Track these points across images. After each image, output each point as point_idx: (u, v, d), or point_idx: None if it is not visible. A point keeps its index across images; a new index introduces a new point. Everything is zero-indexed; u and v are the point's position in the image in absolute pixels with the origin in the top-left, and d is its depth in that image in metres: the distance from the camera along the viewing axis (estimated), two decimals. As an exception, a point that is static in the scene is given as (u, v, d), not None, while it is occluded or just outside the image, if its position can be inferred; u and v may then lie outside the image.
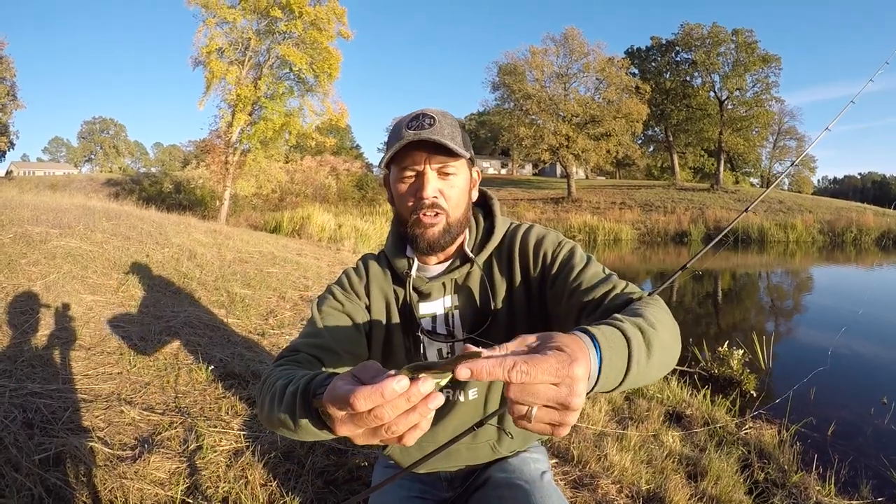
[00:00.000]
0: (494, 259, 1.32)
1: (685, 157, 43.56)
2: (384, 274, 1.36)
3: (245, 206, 24.98)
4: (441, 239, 1.22)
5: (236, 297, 4.77)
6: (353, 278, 1.36)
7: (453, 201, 1.21)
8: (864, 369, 5.59)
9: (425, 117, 1.17)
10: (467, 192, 1.26)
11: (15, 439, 2.02)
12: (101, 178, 42.01)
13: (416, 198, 1.20)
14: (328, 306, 1.28)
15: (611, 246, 23.59)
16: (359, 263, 1.40)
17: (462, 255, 1.31)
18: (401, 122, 1.20)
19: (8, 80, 35.75)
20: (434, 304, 1.32)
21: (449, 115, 1.22)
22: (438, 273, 1.32)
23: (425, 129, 1.15)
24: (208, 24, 18.76)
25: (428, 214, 1.19)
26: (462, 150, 1.17)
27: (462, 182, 1.23)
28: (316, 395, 0.80)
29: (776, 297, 11.40)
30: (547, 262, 1.25)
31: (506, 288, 1.30)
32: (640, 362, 0.80)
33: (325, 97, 20.85)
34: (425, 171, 1.18)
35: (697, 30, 38.03)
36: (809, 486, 2.94)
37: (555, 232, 1.32)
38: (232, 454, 2.34)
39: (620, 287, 1.09)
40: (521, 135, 33.56)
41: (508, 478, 1.37)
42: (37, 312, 3.37)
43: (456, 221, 1.23)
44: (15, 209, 6.15)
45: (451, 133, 1.17)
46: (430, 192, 1.18)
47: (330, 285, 1.36)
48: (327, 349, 1.17)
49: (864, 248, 21.61)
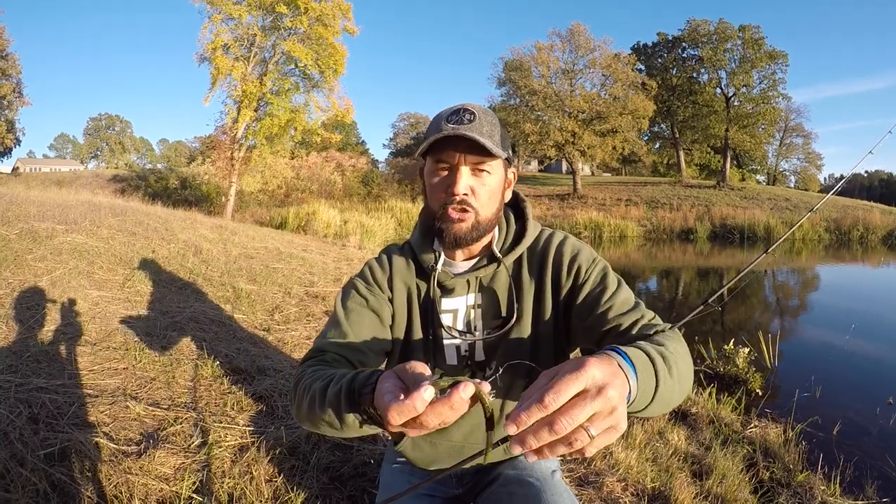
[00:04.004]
0: (524, 262, 1.31)
1: (691, 153, 43.40)
2: (408, 266, 1.35)
3: (251, 202, 25.04)
4: (468, 235, 1.21)
5: (242, 292, 4.77)
6: (377, 270, 1.34)
7: (483, 199, 1.20)
8: (870, 369, 5.56)
9: (466, 112, 1.16)
10: (500, 192, 1.25)
11: (20, 434, 2.02)
12: (106, 175, 42.19)
13: (446, 193, 1.19)
14: (353, 302, 1.28)
15: (616, 243, 23.54)
16: (382, 256, 1.38)
17: (489, 255, 1.30)
18: (441, 114, 1.20)
19: (14, 77, 35.83)
20: (457, 300, 1.31)
21: (490, 113, 1.21)
22: (464, 270, 1.31)
23: (464, 125, 1.14)
24: (214, 21, 18.80)
25: (456, 209, 1.18)
26: (499, 149, 1.15)
27: (495, 181, 1.22)
28: (362, 395, 0.87)
29: (782, 296, 11.36)
30: (581, 277, 1.24)
31: (533, 293, 1.29)
32: (665, 382, 0.86)
33: (330, 93, 20.87)
34: (459, 166, 1.17)
35: (704, 26, 37.83)
36: (814, 485, 2.93)
37: (588, 247, 1.31)
38: (237, 450, 2.35)
39: (648, 317, 1.13)
40: (527, 131, 33.47)
41: (519, 475, 1.36)
42: (42, 308, 3.38)
43: (485, 220, 1.22)
44: (21, 205, 6.17)
45: (489, 131, 1.16)
46: (462, 188, 1.17)
47: (353, 278, 1.35)
48: (354, 349, 1.20)
49: (870, 247, 21.50)
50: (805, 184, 58.90)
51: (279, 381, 3.08)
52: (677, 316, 1.14)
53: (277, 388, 3.00)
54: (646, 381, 0.81)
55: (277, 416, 2.75)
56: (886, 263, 16.86)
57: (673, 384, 0.88)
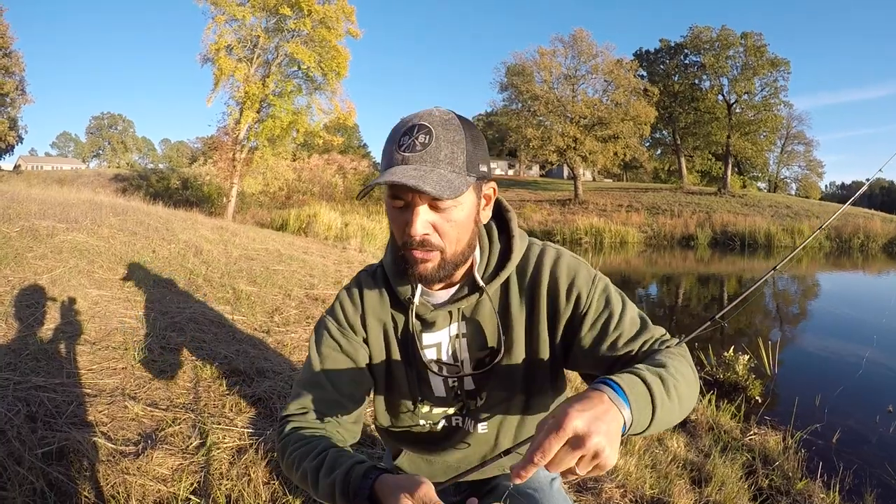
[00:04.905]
0: (512, 286, 1.18)
1: (692, 160, 43.51)
2: (382, 298, 1.23)
3: (252, 204, 25.06)
4: (436, 275, 1.06)
5: (242, 294, 4.77)
6: (349, 308, 1.23)
7: (451, 236, 1.03)
8: (869, 377, 5.55)
9: (420, 132, 0.99)
10: (471, 221, 1.07)
11: (18, 433, 2.02)
12: (108, 174, 42.26)
13: (404, 232, 1.03)
14: (326, 347, 1.20)
15: (617, 249, 23.54)
16: (353, 289, 1.26)
17: (471, 282, 1.16)
18: (396, 130, 1.03)
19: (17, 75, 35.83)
20: (439, 333, 1.21)
21: (454, 124, 1.02)
22: (444, 301, 1.18)
23: (416, 151, 0.98)
24: (217, 22, 18.83)
25: (419, 251, 1.03)
26: (463, 177, 0.99)
27: (463, 213, 1.03)
28: (357, 496, 0.90)
29: (782, 303, 11.35)
30: (582, 306, 1.13)
31: (525, 319, 1.18)
32: (663, 406, 0.87)
33: (333, 95, 20.90)
34: (415, 205, 1.00)
35: (706, 33, 37.93)
36: (814, 493, 2.93)
37: (584, 264, 1.18)
38: (235, 451, 2.34)
39: (657, 335, 1.10)
40: (529, 136, 33.53)
41: (517, 485, 1.35)
42: (42, 306, 3.38)
43: (454, 256, 1.06)
44: (22, 203, 6.18)
45: (449, 154, 0.99)
46: (420, 229, 1.00)
47: (325, 317, 1.26)
48: (334, 403, 1.17)
49: (871, 255, 21.49)
50: (806, 191, 58.91)
51: (278, 384, 3.08)
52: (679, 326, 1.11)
53: (276, 390, 2.99)
54: (641, 409, 0.83)
55: (276, 418, 2.74)
56: (887, 272, 16.86)
57: (672, 406, 0.89)
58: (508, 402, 1.23)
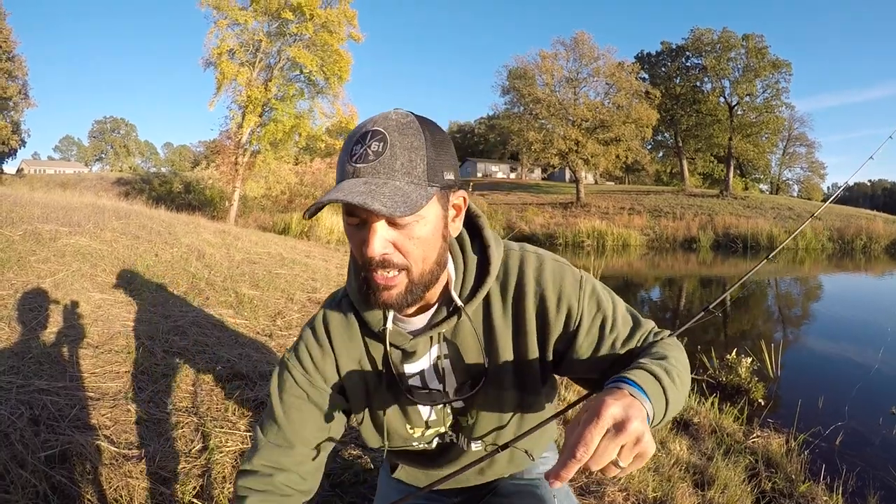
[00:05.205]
0: (494, 300, 1.09)
1: (694, 162, 43.49)
2: (351, 332, 1.13)
3: (254, 207, 25.09)
4: (403, 301, 0.95)
5: (244, 297, 4.77)
6: (315, 353, 1.13)
7: (415, 255, 0.92)
8: (873, 379, 5.54)
9: (373, 139, 0.88)
10: (438, 236, 0.95)
11: (21, 436, 2.02)
12: (111, 178, 42.29)
13: (361, 253, 0.92)
14: (290, 395, 1.11)
15: (619, 252, 23.51)
16: (318, 327, 1.15)
17: (448, 301, 1.06)
18: (349, 139, 0.92)
19: (20, 79, 36.03)
20: (420, 362, 1.12)
21: (411, 130, 0.89)
22: (421, 327, 1.09)
23: (369, 162, 0.87)
24: (219, 26, 18.88)
25: (381, 274, 0.91)
26: (421, 191, 0.88)
27: (426, 230, 0.91)
28: None
29: (785, 305, 11.34)
30: (573, 319, 1.07)
31: (511, 335, 1.10)
32: (672, 394, 0.90)
33: (335, 99, 20.92)
34: (371, 222, 0.89)
35: (708, 35, 37.96)
36: (817, 496, 2.91)
37: (568, 267, 1.11)
38: (238, 455, 2.34)
39: (649, 328, 1.11)
40: (531, 139, 33.55)
41: (517, 484, 1.35)
42: (45, 310, 3.38)
43: (422, 276, 0.95)
44: (25, 206, 6.19)
45: (407, 164, 0.87)
46: (378, 248, 0.88)
47: (289, 360, 1.15)
48: (297, 455, 1.11)
49: (873, 257, 21.45)
50: (808, 193, 58.87)
51: (280, 386, 3.07)
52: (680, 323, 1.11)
53: (279, 392, 2.99)
54: (657, 400, 0.85)
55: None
56: (890, 273, 16.83)
57: (678, 393, 0.92)
58: (500, 417, 1.18)
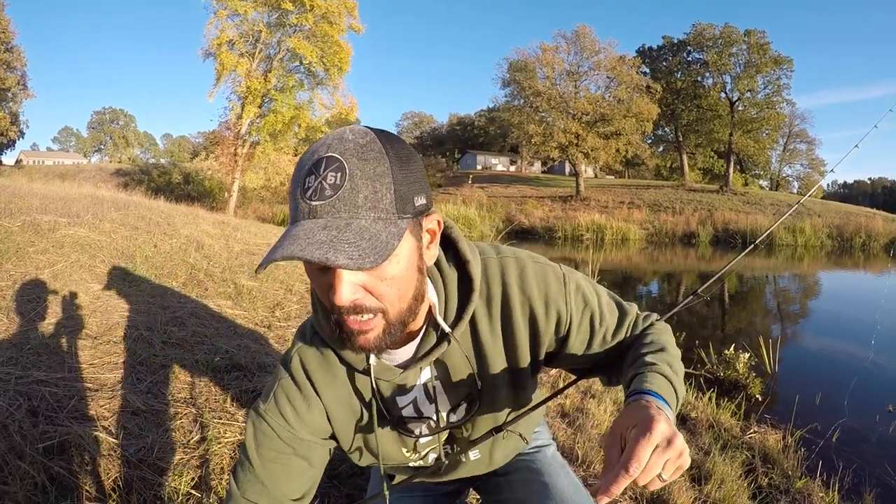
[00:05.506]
0: (480, 316, 1.03)
1: (695, 157, 43.43)
2: (332, 372, 1.04)
3: (253, 199, 25.10)
4: (381, 343, 0.84)
5: (243, 288, 4.77)
6: (298, 403, 1.03)
7: (390, 296, 0.81)
8: (870, 376, 5.55)
9: (329, 169, 0.74)
10: (414, 269, 0.84)
11: (19, 427, 2.02)
12: (110, 168, 42.27)
13: (328, 300, 0.81)
14: (272, 450, 1.02)
15: (618, 246, 23.51)
16: (298, 374, 1.04)
17: (433, 325, 0.98)
18: (300, 167, 0.79)
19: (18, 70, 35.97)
20: (412, 392, 1.07)
21: (372, 153, 0.76)
22: (408, 358, 1.00)
23: (326, 199, 0.74)
24: (219, 16, 18.85)
25: (354, 319, 0.81)
26: (392, 228, 0.76)
27: (400, 267, 0.80)
28: None
29: (783, 302, 11.35)
30: (563, 319, 1.04)
31: (503, 348, 1.06)
32: (679, 385, 0.94)
33: (334, 90, 20.95)
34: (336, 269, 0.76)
35: (709, 30, 37.86)
36: (813, 492, 2.93)
37: (550, 267, 1.06)
38: (236, 446, 2.35)
39: (634, 313, 1.13)
40: (531, 132, 33.52)
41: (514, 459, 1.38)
42: (44, 301, 3.38)
43: (399, 315, 0.84)
44: (24, 198, 6.18)
45: (371, 197, 0.75)
46: (347, 296, 0.77)
47: (265, 413, 1.03)
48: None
49: (872, 254, 21.48)
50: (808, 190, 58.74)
51: (279, 378, 3.07)
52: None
53: (277, 385, 2.99)
54: (672, 403, 0.88)
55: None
56: (888, 271, 16.83)
57: (680, 381, 0.96)
58: (496, 418, 1.15)
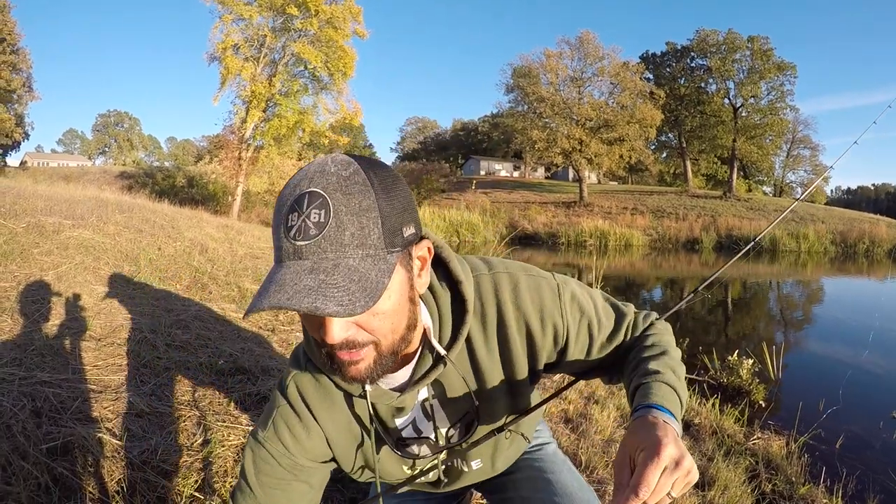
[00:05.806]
0: (475, 335, 1.03)
1: (698, 163, 43.41)
2: (330, 398, 1.04)
3: (257, 203, 25.13)
4: (374, 373, 0.83)
5: (247, 292, 4.78)
6: (297, 429, 1.03)
7: (382, 330, 0.80)
8: (874, 382, 5.54)
9: (312, 206, 0.72)
10: (406, 301, 0.83)
11: (23, 428, 2.02)
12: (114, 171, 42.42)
13: (319, 336, 0.79)
14: (272, 477, 1.03)
15: (622, 252, 23.50)
16: (294, 398, 1.04)
17: (429, 347, 0.98)
18: (281, 202, 0.77)
19: (24, 72, 36.09)
20: (411, 413, 1.08)
21: (357, 185, 0.75)
22: (405, 381, 1.00)
23: (310, 239, 0.72)
24: (224, 21, 18.93)
25: (345, 352, 0.80)
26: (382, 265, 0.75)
27: (392, 301, 0.79)
28: None
29: (787, 308, 11.32)
30: (560, 332, 1.05)
31: (500, 364, 1.06)
32: (682, 391, 0.95)
33: (339, 95, 21.01)
34: None
35: (713, 36, 37.86)
36: (817, 498, 2.92)
37: (543, 278, 1.06)
38: (240, 449, 2.35)
39: (632, 313, 1.14)
40: (535, 137, 33.55)
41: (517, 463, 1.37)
42: (48, 302, 3.39)
43: (392, 346, 0.83)
44: (29, 199, 6.20)
45: (359, 234, 0.73)
46: (338, 335, 0.76)
47: (264, 442, 1.04)
48: None
49: (876, 260, 21.43)
50: (812, 196, 58.68)
51: (282, 381, 3.07)
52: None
53: (280, 388, 2.99)
54: (678, 413, 0.89)
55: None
56: (892, 277, 16.79)
57: (683, 387, 0.96)
58: (497, 434, 1.13)
